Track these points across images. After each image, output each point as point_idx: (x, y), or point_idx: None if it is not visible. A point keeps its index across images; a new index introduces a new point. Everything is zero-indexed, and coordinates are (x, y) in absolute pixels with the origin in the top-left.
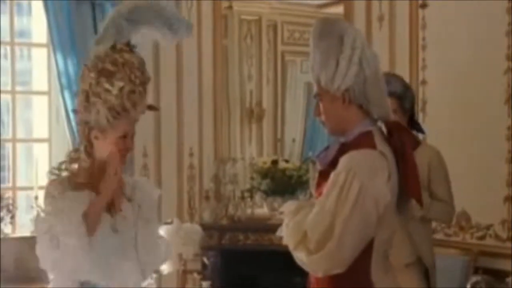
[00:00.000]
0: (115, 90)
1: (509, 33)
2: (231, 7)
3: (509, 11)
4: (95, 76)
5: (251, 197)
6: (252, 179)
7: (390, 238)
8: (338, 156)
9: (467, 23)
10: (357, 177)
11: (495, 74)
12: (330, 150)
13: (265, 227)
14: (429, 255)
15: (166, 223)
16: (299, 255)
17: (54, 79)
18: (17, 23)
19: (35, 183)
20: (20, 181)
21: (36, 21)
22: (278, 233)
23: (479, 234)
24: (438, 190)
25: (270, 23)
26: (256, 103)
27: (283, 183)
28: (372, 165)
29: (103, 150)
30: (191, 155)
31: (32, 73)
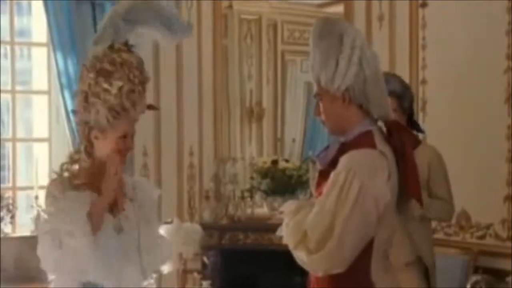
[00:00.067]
0: (114, 89)
1: (509, 33)
2: (231, 7)
3: (509, 11)
4: (94, 76)
5: (251, 196)
6: (252, 178)
7: (390, 237)
8: (338, 155)
9: (467, 22)
10: (357, 176)
11: (495, 73)
12: (330, 149)
13: (265, 227)
14: (429, 255)
15: (166, 223)
16: (299, 255)
17: (54, 79)
18: (17, 22)
19: (35, 182)
20: (20, 181)
21: (36, 21)
22: (278, 232)
23: (479, 233)
24: (438, 189)
25: (270, 22)
26: (256, 103)
27: (283, 182)
28: (372, 164)
29: (103, 150)
30: (191, 155)
31: (32, 72)
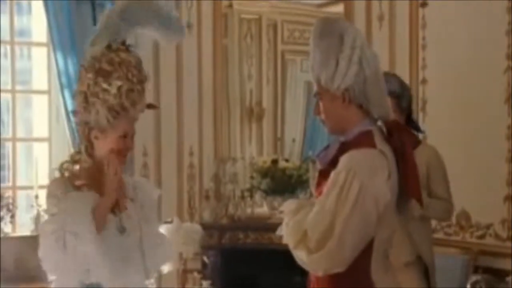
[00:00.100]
0: (113, 89)
1: (509, 32)
2: (231, 6)
3: (509, 10)
4: (93, 76)
5: (251, 196)
6: (252, 178)
7: (390, 237)
8: (338, 155)
9: (467, 22)
10: (357, 176)
11: (495, 73)
12: (330, 149)
13: (265, 226)
14: (428, 254)
15: (166, 223)
16: (299, 254)
17: (54, 78)
18: (17, 22)
19: (35, 182)
20: (20, 180)
21: (36, 20)
22: (278, 232)
23: (479, 233)
24: (437, 188)
25: (270, 22)
26: (256, 103)
27: (283, 182)
28: (372, 164)
29: (104, 150)
30: (191, 155)
31: (32, 72)
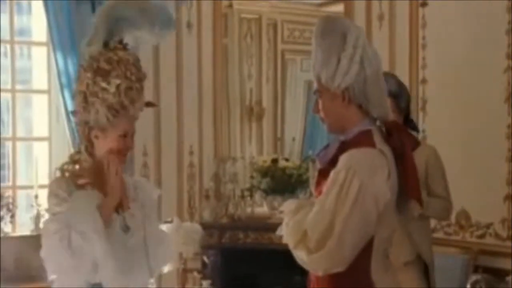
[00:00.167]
0: (112, 88)
1: (509, 32)
2: (231, 6)
3: (509, 10)
4: (91, 76)
5: (251, 196)
6: (252, 178)
7: (390, 236)
8: (338, 154)
9: (467, 22)
10: (357, 175)
11: (495, 72)
12: (330, 148)
13: (265, 226)
14: (428, 254)
15: (166, 222)
16: (299, 254)
17: (54, 78)
18: (17, 21)
19: (35, 181)
20: (20, 180)
21: (36, 20)
22: (278, 232)
23: (479, 232)
24: (435, 187)
25: (270, 21)
26: (256, 102)
27: (283, 182)
28: (371, 163)
29: (104, 149)
30: (191, 154)
31: (32, 71)
